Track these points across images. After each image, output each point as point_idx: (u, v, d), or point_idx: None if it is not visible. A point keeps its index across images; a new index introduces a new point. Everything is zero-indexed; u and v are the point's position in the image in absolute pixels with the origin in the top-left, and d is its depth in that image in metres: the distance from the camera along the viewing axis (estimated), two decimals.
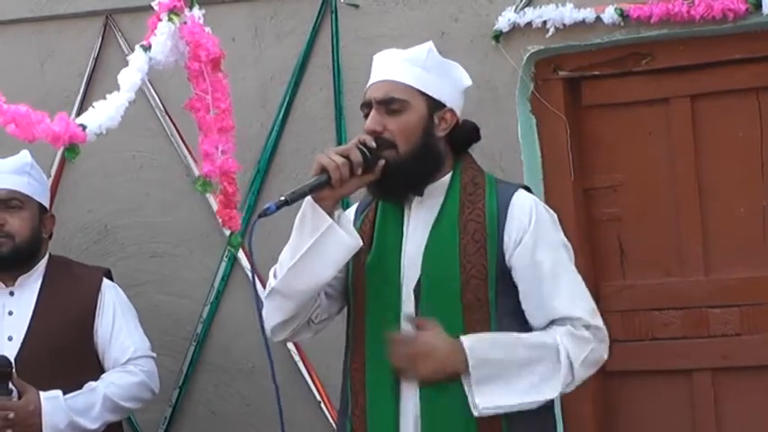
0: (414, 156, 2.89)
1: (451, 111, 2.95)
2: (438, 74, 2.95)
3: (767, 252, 3.83)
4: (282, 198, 2.80)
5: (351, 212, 3.07)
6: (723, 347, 3.86)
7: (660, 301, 3.93)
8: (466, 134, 2.99)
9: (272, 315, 2.98)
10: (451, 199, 2.91)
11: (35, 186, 3.85)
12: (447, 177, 2.95)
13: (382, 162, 2.87)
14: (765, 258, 3.82)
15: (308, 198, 2.85)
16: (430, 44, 2.99)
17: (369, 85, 2.99)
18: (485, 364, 2.79)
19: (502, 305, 2.88)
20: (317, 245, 2.84)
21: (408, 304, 2.90)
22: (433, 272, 2.88)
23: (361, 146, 2.86)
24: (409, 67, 2.93)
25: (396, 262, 2.91)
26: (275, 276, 2.95)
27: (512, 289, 2.91)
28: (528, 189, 3.02)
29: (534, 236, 2.88)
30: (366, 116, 2.95)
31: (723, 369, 3.87)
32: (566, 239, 2.99)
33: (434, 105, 2.92)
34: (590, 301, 2.97)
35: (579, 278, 2.96)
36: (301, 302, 2.93)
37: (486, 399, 2.78)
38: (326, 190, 2.84)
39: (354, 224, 3.00)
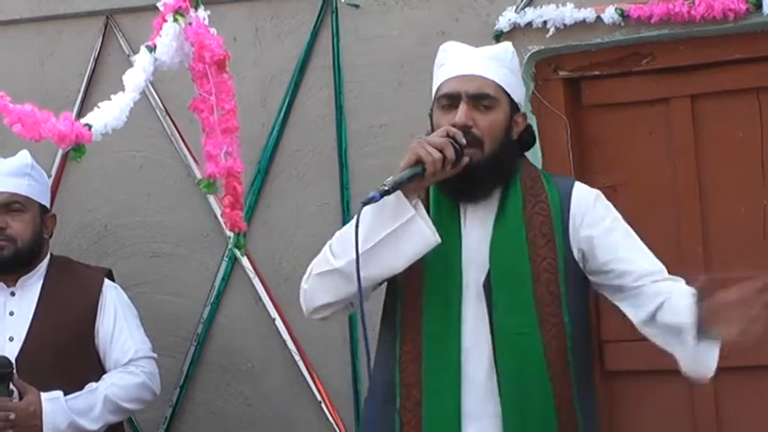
0: (496, 156, 2.89)
1: (523, 115, 2.97)
2: (517, 77, 2.98)
3: (767, 252, 3.83)
4: (385, 187, 2.76)
5: None
6: (724, 348, 3.86)
7: None
8: (532, 138, 3.04)
9: (324, 293, 2.91)
10: (513, 193, 2.91)
11: (36, 187, 3.85)
12: None
13: (466, 160, 2.86)
14: (766, 258, 3.82)
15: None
16: (510, 44, 3.01)
17: (449, 77, 2.95)
18: None
19: (573, 299, 2.89)
20: (396, 234, 2.81)
21: (473, 300, 2.88)
22: (502, 266, 2.87)
23: (452, 140, 2.84)
24: (497, 65, 2.93)
25: (456, 258, 2.89)
26: (334, 256, 2.88)
27: (582, 282, 2.94)
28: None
29: (597, 213, 2.92)
30: (444, 108, 2.92)
31: (723, 369, 3.84)
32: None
33: (514, 107, 2.95)
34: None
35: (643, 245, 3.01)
36: (369, 286, 2.89)
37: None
38: (416, 181, 2.82)
39: None
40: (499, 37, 3.90)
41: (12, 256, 3.78)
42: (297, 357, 4.16)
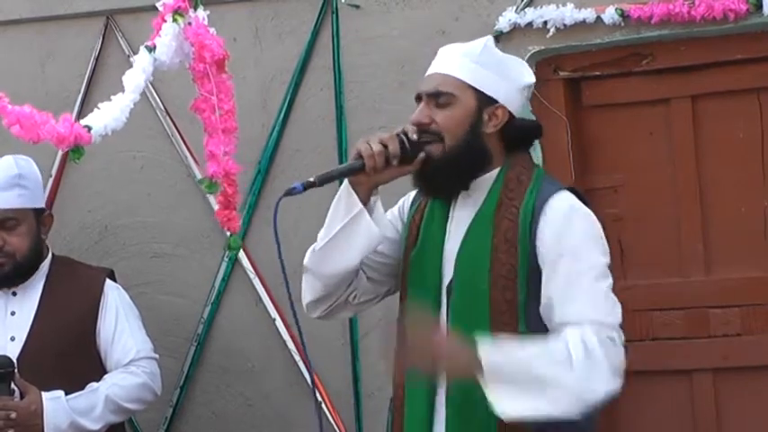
0: (458, 151, 2.84)
1: (503, 107, 2.88)
2: (493, 69, 2.89)
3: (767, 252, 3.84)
4: (311, 179, 2.76)
5: (410, 197, 3.03)
6: (724, 348, 3.87)
7: (661, 301, 3.93)
8: (519, 132, 2.91)
9: (306, 292, 2.95)
10: (492, 195, 2.87)
11: (26, 195, 3.79)
12: (494, 173, 2.89)
13: (422, 155, 2.83)
14: (766, 258, 3.83)
15: (346, 182, 2.83)
16: (487, 39, 2.95)
17: (426, 75, 2.95)
18: (499, 375, 2.69)
19: (532, 308, 2.79)
20: (346, 229, 2.82)
21: (445, 302, 2.85)
22: (464, 270, 2.83)
23: (402, 136, 2.83)
24: (462, 60, 2.89)
25: (437, 258, 2.87)
26: (308, 254, 2.92)
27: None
28: (575, 191, 2.92)
29: (560, 240, 2.78)
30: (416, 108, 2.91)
31: (724, 369, 3.87)
32: (599, 249, 2.83)
33: (485, 101, 2.87)
34: (607, 310, 2.78)
35: (601, 288, 2.78)
36: (331, 284, 2.89)
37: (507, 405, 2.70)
38: (361, 176, 2.81)
39: (407, 213, 2.98)
40: (499, 37, 3.90)
41: (12, 271, 3.77)
42: (297, 358, 4.16)
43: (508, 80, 2.90)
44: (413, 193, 3.02)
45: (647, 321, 3.95)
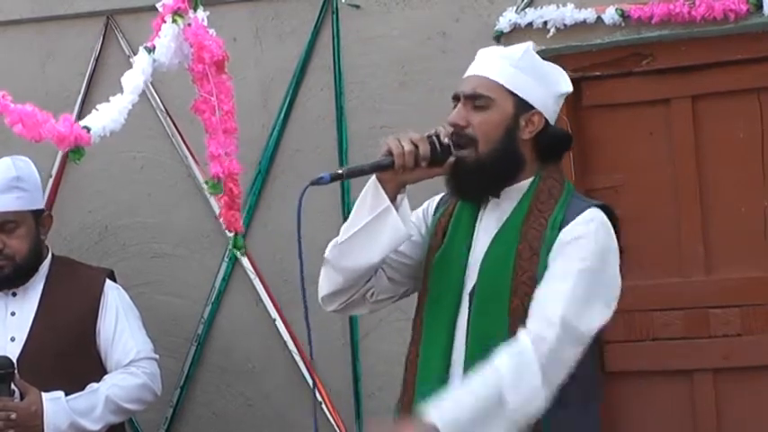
0: (492, 156, 2.82)
1: (539, 114, 2.85)
2: (531, 75, 2.86)
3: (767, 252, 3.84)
4: (339, 170, 2.75)
5: (435, 201, 3.02)
6: (724, 348, 3.87)
7: (661, 301, 3.93)
8: (553, 140, 2.89)
9: (323, 284, 2.93)
10: (522, 205, 2.84)
11: (25, 197, 3.79)
12: (526, 183, 2.86)
13: (452, 159, 2.81)
14: (766, 258, 3.83)
15: (373, 177, 2.81)
16: (529, 44, 2.93)
17: (464, 76, 2.93)
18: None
19: None
20: (371, 225, 2.80)
21: (466, 308, 2.84)
22: (488, 277, 2.81)
23: (435, 138, 2.80)
24: (502, 64, 2.86)
25: (461, 263, 2.85)
26: (329, 246, 2.91)
27: None
28: (608, 210, 2.84)
29: (564, 248, 2.76)
30: (453, 108, 2.89)
31: (724, 369, 3.87)
32: (601, 258, 2.76)
33: (522, 107, 2.84)
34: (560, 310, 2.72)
35: (578, 290, 2.74)
36: (350, 278, 2.87)
37: None
38: (389, 173, 2.79)
39: (434, 214, 2.97)
40: (499, 38, 3.90)
41: (12, 273, 3.77)
42: (297, 358, 4.16)
43: (546, 87, 2.88)
44: (438, 197, 3.01)
45: (648, 322, 3.95)
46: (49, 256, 3.89)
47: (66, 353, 3.73)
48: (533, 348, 2.67)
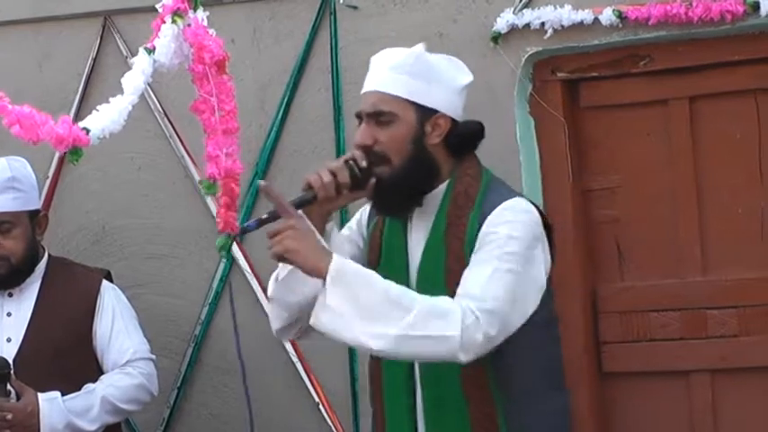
0: (407, 169, 2.83)
1: (443, 116, 2.86)
2: (427, 79, 2.85)
3: (765, 253, 3.83)
4: (264, 215, 2.77)
5: (366, 210, 3.03)
6: (721, 349, 3.87)
7: (658, 302, 3.93)
8: (463, 137, 2.90)
9: (273, 321, 2.97)
10: (441, 214, 2.86)
11: (21, 198, 3.79)
12: (443, 187, 2.88)
13: (373, 181, 2.82)
14: (763, 259, 3.83)
15: (299, 212, 2.82)
16: (418, 48, 2.91)
17: (362, 92, 2.93)
18: (341, 285, 2.67)
19: None
20: None
21: None
22: (425, 292, 2.79)
23: (352, 163, 2.82)
24: (396, 75, 2.85)
25: (402, 277, 2.85)
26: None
27: None
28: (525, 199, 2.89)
29: (483, 237, 2.78)
30: (358, 127, 2.90)
31: (721, 370, 3.87)
32: (517, 238, 2.77)
33: (424, 113, 2.84)
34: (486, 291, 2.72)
35: (501, 273, 2.73)
36: (295, 312, 2.90)
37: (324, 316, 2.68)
38: (314, 206, 2.81)
39: (368, 226, 2.99)
40: (497, 38, 3.91)
41: (8, 274, 3.77)
42: (294, 359, 4.15)
43: (444, 85, 2.88)
44: (369, 205, 3.01)
45: (645, 322, 3.95)
46: (46, 256, 3.89)
47: (63, 353, 3.73)
48: (461, 313, 2.66)
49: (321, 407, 4.12)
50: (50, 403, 3.64)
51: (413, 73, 2.85)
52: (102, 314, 3.82)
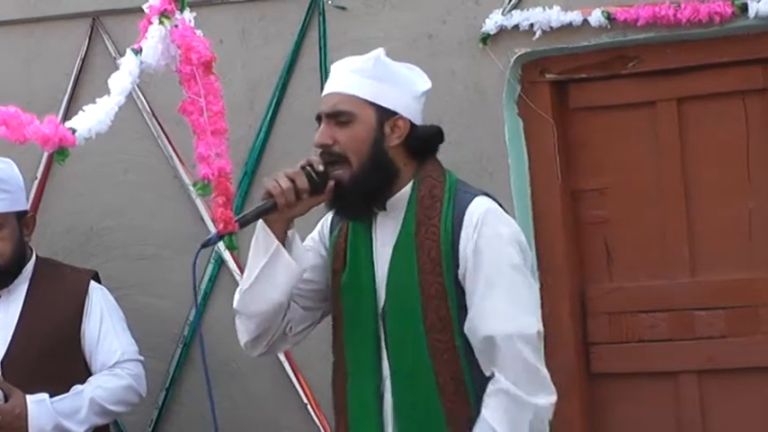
0: (365, 170, 2.83)
1: (403, 118, 2.87)
2: (387, 82, 2.87)
3: (753, 254, 3.85)
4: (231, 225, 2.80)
5: (328, 220, 3.02)
6: (709, 350, 3.88)
7: (646, 303, 3.94)
8: (423, 139, 2.90)
9: (241, 334, 2.97)
10: (409, 215, 2.85)
11: (8, 199, 3.78)
12: (407, 188, 2.88)
13: (332, 183, 2.83)
14: (751, 260, 3.84)
15: (261, 221, 2.84)
16: (379, 52, 2.93)
17: (322, 95, 2.95)
18: None
19: (465, 319, 2.80)
20: (266, 269, 2.83)
21: (381, 327, 2.86)
22: (396, 295, 2.83)
23: (309, 168, 2.83)
24: (356, 77, 2.88)
25: (369, 284, 2.86)
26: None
27: None
28: (489, 196, 2.90)
29: (475, 246, 2.79)
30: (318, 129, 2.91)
31: (709, 371, 3.88)
32: (516, 249, 2.83)
33: (384, 114, 2.86)
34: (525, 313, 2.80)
35: (521, 289, 2.80)
36: (262, 323, 2.90)
37: None
38: (275, 213, 2.82)
39: (330, 235, 2.98)
40: (486, 39, 3.91)
41: None
42: (283, 359, 4.15)
43: (404, 89, 2.90)
44: (330, 215, 3.01)
45: (633, 323, 3.96)
46: (34, 257, 3.88)
47: (51, 355, 3.73)
48: (514, 388, 2.73)
49: (309, 407, 4.11)
50: (38, 405, 3.63)
51: (372, 75, 2.88)
52: (91, 315, 3.81)
